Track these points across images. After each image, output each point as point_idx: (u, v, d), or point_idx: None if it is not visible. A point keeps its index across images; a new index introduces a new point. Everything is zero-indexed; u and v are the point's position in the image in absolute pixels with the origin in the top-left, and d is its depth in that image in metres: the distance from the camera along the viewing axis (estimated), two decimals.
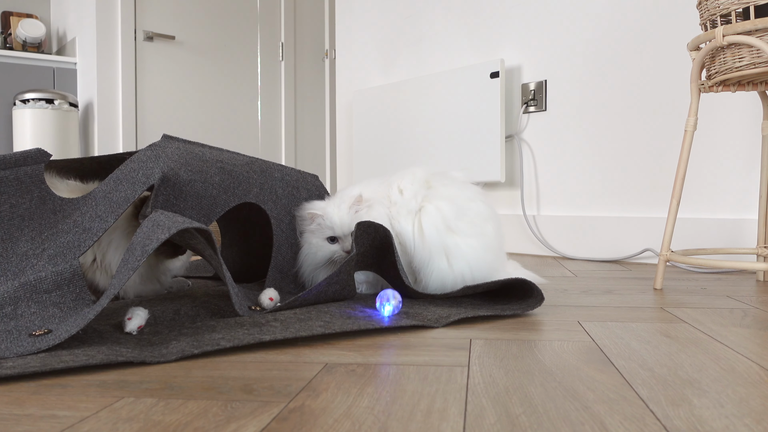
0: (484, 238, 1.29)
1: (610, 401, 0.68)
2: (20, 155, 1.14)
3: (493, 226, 1.32)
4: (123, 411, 0.65)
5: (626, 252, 2.10)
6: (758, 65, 1.32)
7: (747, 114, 1.86)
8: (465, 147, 2.46)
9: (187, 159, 1.24)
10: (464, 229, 1.28)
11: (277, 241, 1.34)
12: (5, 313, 0.99)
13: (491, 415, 0.63)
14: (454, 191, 1.33)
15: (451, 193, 1.32)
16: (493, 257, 1.30)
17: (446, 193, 1.32)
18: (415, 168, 1.38)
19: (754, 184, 1.85)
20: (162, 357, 0.84)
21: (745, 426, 0.60)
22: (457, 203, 1.30)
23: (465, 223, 1.28)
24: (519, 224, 2.43)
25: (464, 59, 2.64)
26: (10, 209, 1.12)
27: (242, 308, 1.09)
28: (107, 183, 1.19)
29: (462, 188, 1.34)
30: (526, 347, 0.92)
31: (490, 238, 1.30)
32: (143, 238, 0.98)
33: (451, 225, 1.27)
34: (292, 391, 0.71)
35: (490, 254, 1.29)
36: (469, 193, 1.34)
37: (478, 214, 1.31)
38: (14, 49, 3.76)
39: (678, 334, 1.00)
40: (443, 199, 1.30)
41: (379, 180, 1.41)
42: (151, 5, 3.75)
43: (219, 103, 4.02)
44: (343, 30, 3.23)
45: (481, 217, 1.31)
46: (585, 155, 2.25)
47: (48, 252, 1.10)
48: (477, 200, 1.33)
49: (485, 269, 1.28)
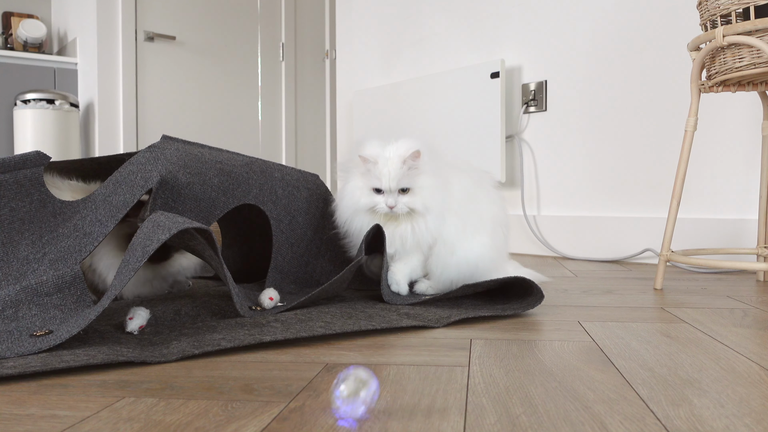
0: (500, 232, 1.31)
1: (611, 401, 0.68)
2: (19, 158, 1.14)
3: (505, 220, 1.34)
4: (124, 411, 0.65)
5: (626, 252, 2.10)
6: (758, 65, 1.32)
7: (747, 114, 1.86)
8: (465, 147, 2.46)
9: (185, 161, 1.24)
10: (481, 227, 1.28)
11: (277, 241, 1.34)
12: (6, 315, 0.99)
13: (491, 415, 0.64)
14: (476, 191, 1.32)
15: (473, 193, 1.32)
16: (503, 246, 1.32)
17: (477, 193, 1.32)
18: (468, 169, 1.34)
19: (755, 184, 1.85)
20: (163, 357, 0.84)
21: (745, 426, 0.60)
22: (477, 200, 1.30)
23: (483, 220, 1.29)
24: (519, 224, 2.43)
25: (464, 59, 2.64)
26: (10, 213, 1.12)
27: (243, 308, 1.09)
28: (107, 186, 1.19)
29: (481, 184, 1.34)
30: (527, 347, 0.92)
31: (504, 229, 1.32)
32: (144, 238, 0.98)
33: (471, 225, 1.28)
34: (293, 391, 0.71)
35: (503, 246, 1.31)
36: (488, 189, 1.34)
37: (501, 210, 1.32)
38: (15, 49, 3.77)
39: (678, 334, 1.00)
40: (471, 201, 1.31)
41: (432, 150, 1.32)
42: (151, 6, 3.75)
43: (219, 104, 4.03)
44: (343, 30, 3.23)
45: (503, 213, 1.32)
46: (585, 155, 2.25)
47: (49, 256, 1.10)
48: (495, 200, 1.33)
49: (496, 259, 1.29)
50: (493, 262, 1.28)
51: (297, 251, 1.38)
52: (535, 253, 2.38)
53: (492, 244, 1.27)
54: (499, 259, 1.30)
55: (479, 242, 1.26)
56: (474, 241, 1.26)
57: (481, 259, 1.26)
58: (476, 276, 1.26)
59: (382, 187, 1.21)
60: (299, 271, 1.38)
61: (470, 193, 1.29)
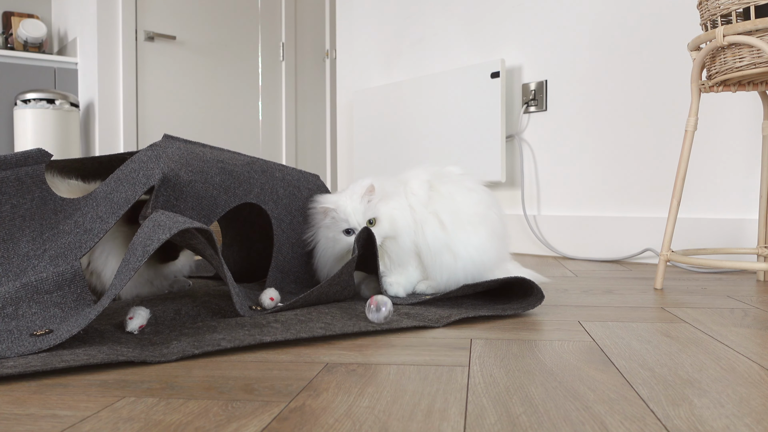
0: (490, 224, 1.30)
1: (611, 401, 0.68)
2: (21, 155, 1.14)
3: (496, 212, 1.33)
4: (124, 410, 0.65)
5: (627, 252, 2.10)
6: (759, 65, 1.32)
7: (747, 114, 1.86)
8: (466, 147, 2.46)
9: (187, 159, 1.24)
10: (466, 222, 1.28)
11: (277, 241, 1.34)
12: (6, 313, 0.99)
13: (492, 415, 0.63)
14: (452, 188, 1.33)
15: (450, 190, 1.32)
16: (500, 241, 1.32)
17: (446, 191, 1.32)
18: (419, 170, 1.38)
19: (755, 184, 1.85)
20: (163, 357, 0.84)
21: (745, 426, 0.60)
22: (457, 199, 1.31)
23: (466, 215, 1.29)
24: (519, 224, 2.43)
25: (465, 59, 2.64)
26: (11, 210, 1.12)
27: (243, 308, 1.09)
28: (108, 183, 1.19)
29: (460, 182, 1.35)
30: (527, 347, 0.92)
31: (494, 222, 1.31)
32: (144, 238, 0.98)
33: (452, 223, 1.28)
34: (293, 391, 0.71)
35: (496, 239, 1.31)
36: (468, 183, 1.35)
37: (480, 202, 1.32)
38: (15, 49, 3.77)
39: (678, 334, 1.00)
40: (444, 198, 1.31)
41: (383, 177, 1.40)
42: (152, 5, 3.75)
43: (220, 103, 4.03)
44: (343, 30, 3.23)
45: (484, 204, 1.32)
46: (586, 155, 2.25)
47: (49, 253, 1.10)
48: (477, 190, 1.34)
49: (493, 254, 1.29)
50: (492, 260, 1.29)
51: (298, 251, 1.38)
52: (536, 253, 2.38)
53: (488, 242, 1.28)
54: (498, 258, 1.31)
55: (474, 240, 1.27)
56: (469, 240, 1.27)
57: (479, 256, 1.27)
58: (478, 274, 1.28)
59: (351, 226, 1.27)
60: (300, 270, 1.38)
61: (455, 201, 1.31)
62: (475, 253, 1.27)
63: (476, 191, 1.34)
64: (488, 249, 1.28)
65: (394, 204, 1.30)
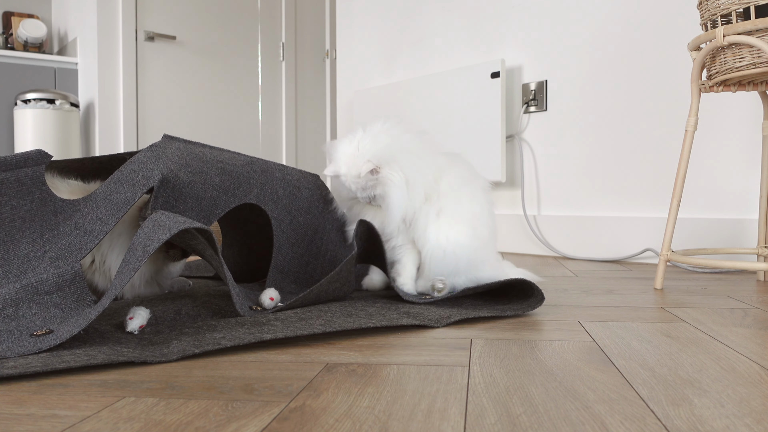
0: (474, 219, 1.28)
1: (611, 401, 0.68)
2: (21, 157, 1.14)
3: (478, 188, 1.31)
4: (124, 411, 0.65)
5: (627, 252, 2.10)
6: (759, 65, 1.32)
7: (747, 114, 1.86)
8: (466, 147, 2.46)
9: (187, 160, 1.24)
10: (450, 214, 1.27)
11: (277, 241, 1.34)
12: (7, 314, 0.99)
13: (492, 415, 0.64)
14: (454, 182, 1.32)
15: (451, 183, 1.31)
16: (484, 240, 1.29)
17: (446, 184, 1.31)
18: (458, 169, 1.35)
19: (755, 184, 1.85)
20: (163, 357, 0.84)
21: (745, 426, 0.60)
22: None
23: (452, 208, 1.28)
24: (519, 224, 2.43)
25: (465, 59, 2.64)
26: (11, 211, 1.12)
27: (243, 308, 1.09)
28: (108, 184, 1.19)
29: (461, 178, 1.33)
30: (527, 347, 0.92)
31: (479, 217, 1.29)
32: (144, 238, 0.98)
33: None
34: (293, 391, 0.71)
35: (478, 236, 1.28)
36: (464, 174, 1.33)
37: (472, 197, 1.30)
38: (15, 49, 3.77)
39: (678, 334, 1.00)
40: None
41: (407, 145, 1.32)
42: (152, 5, 3.75)
43: (220, 103, 4.03)
44: (343, 30, 3.23)
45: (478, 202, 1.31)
46: (586, 155, 2.25)
47: (49, 254, 1.10)
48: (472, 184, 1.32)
49: (469, 250, 1.26)
50: (476, 251, 1.26)
51: (298, 251, 1.38)
52: (536, 253, 2.38)
53: (472, 234, 1.26)
54: (484, 250, 1.29)
55: (456, 231, 1.25)
56: (451, 231, 1.25)
57: (459, 246, 1.24)
58: (460, 267, 1.26)
59: (352, 195, 1.30)
60: (300, 270, 1.38)
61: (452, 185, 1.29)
62: (447, 244, 1.24)
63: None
64: (464, 244, 1.25)
65: (397, 183, 1.24)
